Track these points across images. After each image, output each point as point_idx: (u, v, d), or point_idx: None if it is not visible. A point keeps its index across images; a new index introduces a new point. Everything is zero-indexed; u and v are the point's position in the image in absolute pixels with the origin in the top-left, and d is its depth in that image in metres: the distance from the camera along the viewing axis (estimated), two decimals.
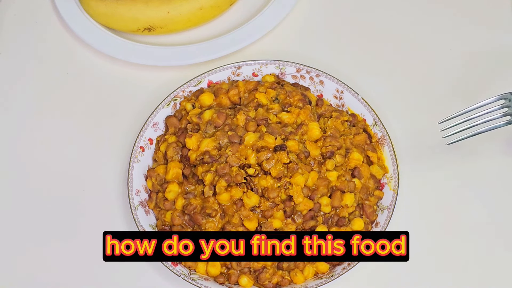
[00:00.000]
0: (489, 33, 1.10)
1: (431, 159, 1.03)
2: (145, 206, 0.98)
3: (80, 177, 1.03)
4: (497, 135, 1.01)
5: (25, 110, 1.07)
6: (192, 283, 0.93)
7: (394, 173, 0.98)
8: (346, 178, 0.97)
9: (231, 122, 0.97)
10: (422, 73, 1.08)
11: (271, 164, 0.94)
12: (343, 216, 0.96)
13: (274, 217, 0.94)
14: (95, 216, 1.00)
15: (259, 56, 1.08)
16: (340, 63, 1.08)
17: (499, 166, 1.02)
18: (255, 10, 1.12)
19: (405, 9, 1.13)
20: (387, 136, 1.00)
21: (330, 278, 0.93)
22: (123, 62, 1.08)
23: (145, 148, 1.00)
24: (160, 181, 0.98)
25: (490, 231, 0.99)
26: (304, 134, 0.97)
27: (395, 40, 1.11)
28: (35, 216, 1.01)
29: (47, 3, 1.14)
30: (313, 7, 1.13)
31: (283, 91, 1.01)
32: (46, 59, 1.11)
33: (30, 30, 1.12)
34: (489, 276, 0.97)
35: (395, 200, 0.97)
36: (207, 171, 0.95)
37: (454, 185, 1.01)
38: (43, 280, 0.98)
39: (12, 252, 0.99)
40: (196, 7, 1.09)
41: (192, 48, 1.08)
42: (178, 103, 1.03)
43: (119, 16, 1.09)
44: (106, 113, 1.07)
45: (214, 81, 1.04)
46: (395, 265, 0.95)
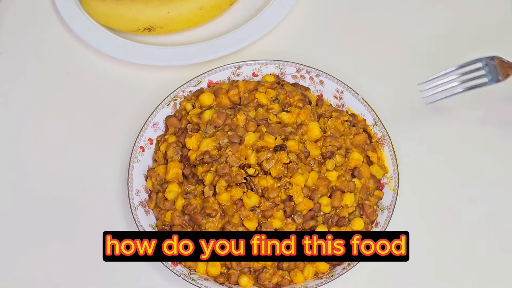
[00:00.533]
0: (489, 33, 1.11)
1: (431, 158, 1.03)
2: (145, 206, 0.98)
3: (80, 177, 1.03)
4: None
5: (25, 110, 1.07)
6: (192, 283, 0.93)
7: (394, 173, 0.98)
8: (346, 178, 0.97)
9: (231, 122, 0.97)
10: (422, 72, 1.08)
11: (271, 164, 0.94)
12: (343, 216, 0.96)
13: (274, 217, 0.94)
14: (95, 216, 1.00)
15: (259, 56, 1.08)
16: (340, 63, 1.08)
17: (501, 163, 1.02)
18: (255, 10, 1.12)
19: (405, 9, 1.13)
20: (387, 136, 1.00)
21: (330, 278, 0.93)
22: (123, 62, 1.08)
23: (145, 148, 1.00)
24: (160, 181, 0.98)
25: (491, 231, 0.99)
26: (304, 134, 0.97)
27: (395, 40, 1.11)
28: (35, 216, 1.01)
29: (47, 3, 1.14)
30: (313, 7, 1.13)
31: (283, 91, 1.01)
32: (46, 59, 1.11)
33: (30, 30, 1.12)
34: (489, 276, 0.97)
35: (395, 200, 0.97)
36: (207, 171, 0.95)
37: (454, 185, 1.01)
38: (43, 280, 0.98)
39: (12, 252, 0.99)
40: (196, 7, 1.09)
41: (192, 48, 1.08)
42: (178, 103, 1.03)
43: (119, 16, 1.09)
44: (106, 113, 1.07)
45: (214, 81, 1.04)
46: (395, 265, 0.95)
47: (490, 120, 1.05)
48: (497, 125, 1.05)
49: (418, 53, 1.10)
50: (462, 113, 1.05)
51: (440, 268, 0.97)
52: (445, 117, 1.05)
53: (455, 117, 1.05)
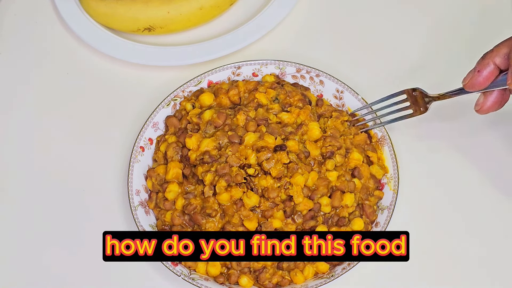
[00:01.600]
0: (489, 33, 1.11)
1: (431, 158, 1.03)
2: (145, 206, 0.98)
3: (80, 177, 1.03)
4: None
5: (25, 110, 1.07)
6: (192, 283, 0.93)
7: (394, 173, 0.98)
8: (346, 178, 0.97)
9: (231, 122, 0.97)
10: (422, 72, 1.08)
11: (271, 164, 0.94)
12: (343, 216, 0.96)
13: (274, 217, 0.94)
14: (95, 216, 1.00)
15: (259, 56, 1.08)
16: (340, 63, 1.08)
17: (501, 162, 1.02)
18: (255, 10, 1.12)
19: (405, 9, 1.13)
20: (387, 136, 1.00)
21: (330, 278, 0.93)
22: (123, 62, 1.08)
23: (145, 148, 1.00)
24: (160, 181, 0.98)
25: (491, 231, 0.99)
26: (304, 134, 0.97)
27: (395, 39, 1.11)
28: (35, 216, 1.01)
29: (47, 3, 1.14)
30: (313, 7, 1.13)
31: (283, 91, 1.01)
32: (46, 59, 1.11)
33: (30, 30, 1.12)
34: (490, 276, 0.97)
35: (395, 200, 0.97)
36: (207, 171, 0.95)
37: (455, 185, 1.01)
38: (42, 280, 0.98)
39: (12, 252, 0.99)
40: (196, 7, 1.09)
41: (192, 48, 1.08)
42: (178, 103, 1.03)
43: (119, 16, 1.09)
44: (106, 113, 1.07)
45: (214, 81, 1.04)
46: (395, 265, 0.95)
47: (490, 119, 1.05)
48: (497, 126, 1.05)
49: (418, 53, 1.10)
50: (462, 113, 1.05)
51: (440, 268, 0.97)
52: (445, 117, 1.05)
53: (455, 117, 1.05)
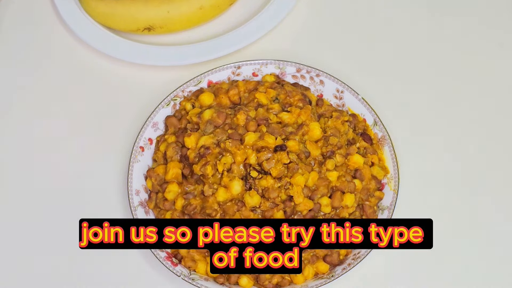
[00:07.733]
0: (490, 33, 1.11)
1: (431, 158, 1.03)
2: (145, 206, 0.98)
3: (80, 177, 1.03)
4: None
5: (25, 110, 1.07)
6: (192, 283, 0.93)
7: (394, 173, 0.98)
8: (346, 178, 0.97)
9: (231, 121, 0.97)
10: (422, 72, 1.09)
11: (271, 164, 0.94)
12: (343, 217, 0.96)
13: (274, 217, 0.94)
14: (95, 216, 1.00)
15: (259, 56, 1.08)
16: (340, 63, 1.08)
17: (501, 162, 1.02)
18: (255, 10, 1.12)
19: (405, 9, 1.13)
20: (387, 136, 1.00)
21: (330, 278, 0.93)
22: (123, 62, 1.08)
23: (145, 148, 1.00)
24: (160, 181, 0.98)
25: (492, 231, 0.99)
26: (305, 134, 0.97)
27: (395, 39, 1.11)
28: (35, 216, 1.01)
29: (47, 3, 1.14)
30: (312, 7, 1.13)
31: (283, 91, 1.01)
32: (46, 59, 1.11)
33: (30, 30, 1.12)
34: (491, 276, 0.97)
35: (395, 200, 0.97)
36: (205, 164, 0.94)
37: (455, 185, 1.01)
38: (42, 280, 0.98)
39: (12, 252, 0.99)
40: (196, 7, 1.09)
41: (192, 48, 1.08)
42: (178, 103, 1.03)
43: (118, 16, 1.09)
44: (106, 113, 1.07)
45: (214, 81, 1.04)
46: (395, 265, 0.95)
47: (490, 120, 1.05)
48: (497, 125, 1.05)
49: (419, 53, 1.10)
50: (462, 112, 1.05)
51: (439, 268, 0.97)
52: (445, 116, 1.05)
53: (455, 117, 1.05)
